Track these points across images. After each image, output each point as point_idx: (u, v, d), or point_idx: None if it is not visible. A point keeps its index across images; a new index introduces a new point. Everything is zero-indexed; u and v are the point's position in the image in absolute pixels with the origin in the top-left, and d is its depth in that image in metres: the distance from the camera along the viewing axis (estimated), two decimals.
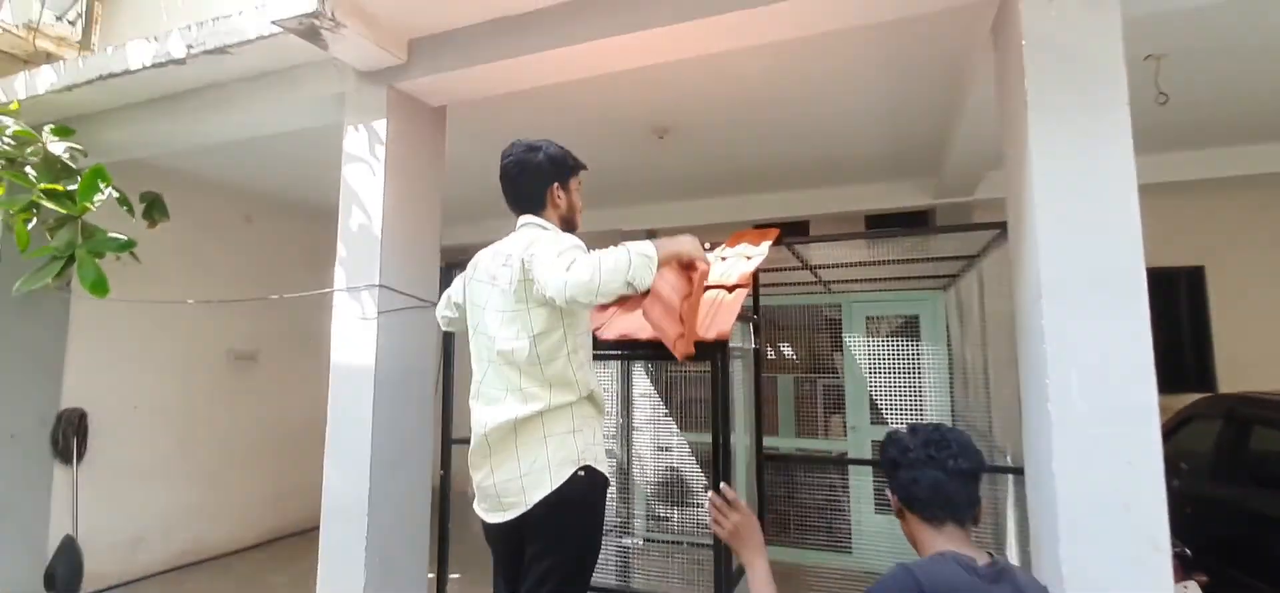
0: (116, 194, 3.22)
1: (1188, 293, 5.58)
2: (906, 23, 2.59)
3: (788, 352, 5.34)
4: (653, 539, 3.56)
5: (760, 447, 3.52)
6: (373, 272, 2.92)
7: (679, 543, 3.50)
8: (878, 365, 4.84)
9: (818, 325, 5.16)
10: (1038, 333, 2.01)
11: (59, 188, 3.24)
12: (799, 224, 6.03)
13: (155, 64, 3.30)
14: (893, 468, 1.40)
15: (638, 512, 3.54)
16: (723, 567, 2.29)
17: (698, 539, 3.40)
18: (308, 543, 5.86)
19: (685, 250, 1.93)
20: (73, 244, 3.19)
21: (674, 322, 1.99)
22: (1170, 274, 5.58)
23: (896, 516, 1.43)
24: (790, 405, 5.27)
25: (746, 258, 2.75)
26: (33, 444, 4.35)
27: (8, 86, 3.77)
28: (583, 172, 2.08)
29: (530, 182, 1.96)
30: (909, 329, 4.93)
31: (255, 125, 3.68)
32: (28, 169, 2.75)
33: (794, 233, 5.92)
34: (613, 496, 3.25)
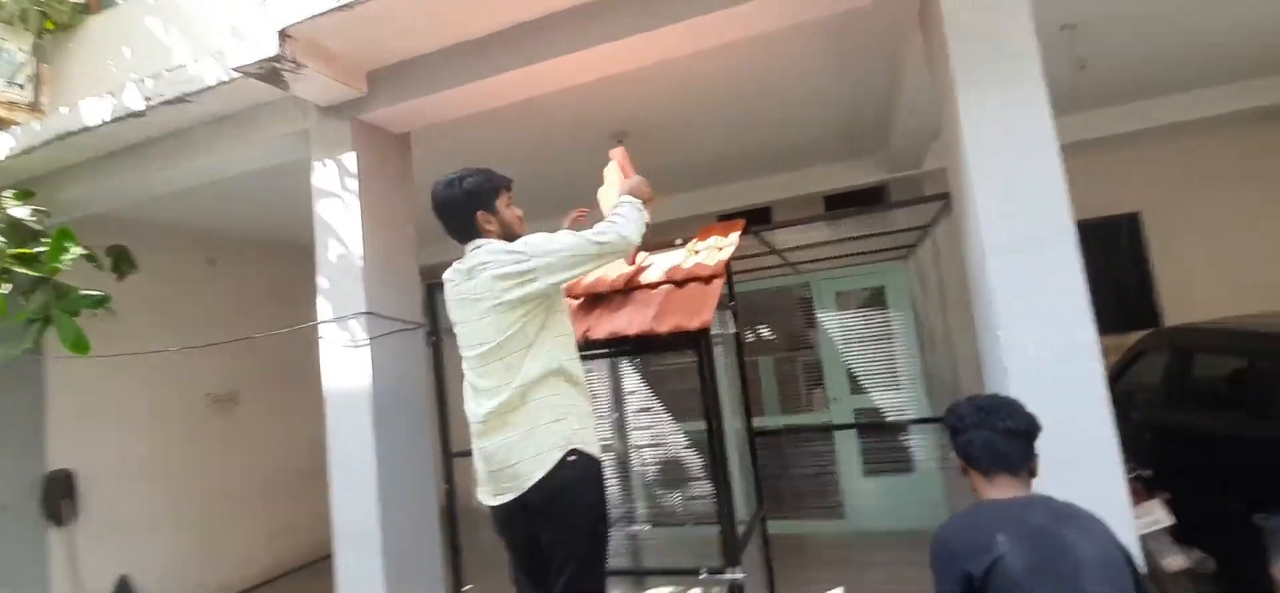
0: (84, 252, 3.22)
1: (1128, 238, 5.94)
2: (842, 17, 2.77)
3: (767, 334, 5.53)
4: (660, 523, 3.68)
5: (750, 427, 3.67)
6: (358, 300, 2.98)
7: (682, 525, 3.63)
8: (851, 337, 5.07)
9: (792, 306, 5.36)
10: (988, 290, 2.20)
11: (28, 251, 3.23)
12: (762, 210, 6.21)
13: (115, 119, 3.29)
14: (954, 434, 1.61)
15: (640, 500, 3.66)
16: (729, 540, 2.43)
17: (700, 519, 3.54)
18: (307, 577, 5.85)
19: (642, 192, 2.30)
20: (48, 306, 3.18)
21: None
22: (1111, 222, 5.93)
23: (961, 473, 1.64)
24: (773, 385, 5.47)
25: (718, 249, 2.91)
26: (24, 511, 4.29)
27: None
28: (509, 186, 2.17)
29: (456, 214, 2.09)
30: (877, 300, 5.17)
31: (219, 169, 3.68)
32: None
33: (758, 219, 6.09)
34: (615, 487, 3.37)
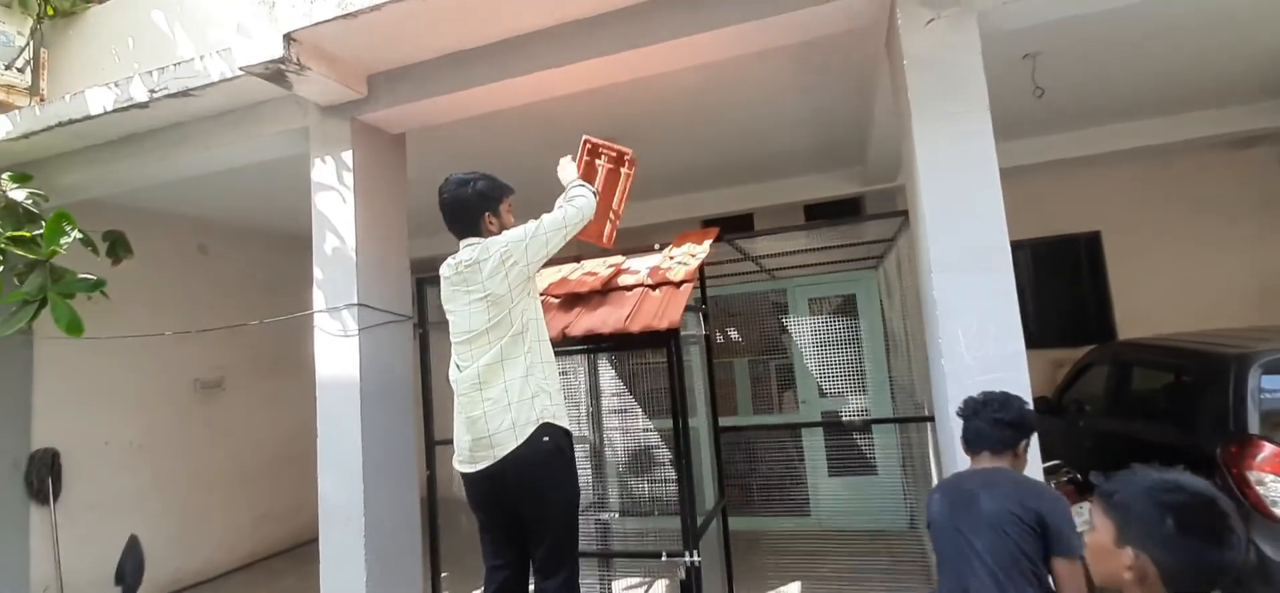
0: (81, 236, 3.33)
1: (1087, 256, 6.25)
2: (816, 43, 2.99)
3: (740, 337, 5.74)
4: (628, 512, 3.89)
5: (717, 424, 3.88)
6: (351, 291, 3.14)
7: (649, 514, 3.84)
8: (823, 342, 5.29)
9: (766, 311, 5.58)
10: (932, 301, 2.42)
11: (25, 234, 3.34)
12: (745, 216, 6.43)
13: (118, 108, 3.41)
14: (963, 419, 2.02)
15: (612, 489, 3.86)
16: (689, 527, 2.64)
17: (666, 509, 3.75)
18: (288, 562, 5.97)
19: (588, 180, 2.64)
20: (44, 288, 3.29)
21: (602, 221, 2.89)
22: (1071, 240, 6.25)
23: (965, 453, 2.04)
24: (747, 386, 5.68)
25: (691, 256, 3.11)
26: (7, 488, 4.35)
27: None
28: (512, 194, 2.40)
29: (465, 212, 2.30)
30: (848, 307, 5.41)
31: (219, 161, 3.81)
32: None
33: (741, 225, 6.30)
34: (587, 476, 3.57)
